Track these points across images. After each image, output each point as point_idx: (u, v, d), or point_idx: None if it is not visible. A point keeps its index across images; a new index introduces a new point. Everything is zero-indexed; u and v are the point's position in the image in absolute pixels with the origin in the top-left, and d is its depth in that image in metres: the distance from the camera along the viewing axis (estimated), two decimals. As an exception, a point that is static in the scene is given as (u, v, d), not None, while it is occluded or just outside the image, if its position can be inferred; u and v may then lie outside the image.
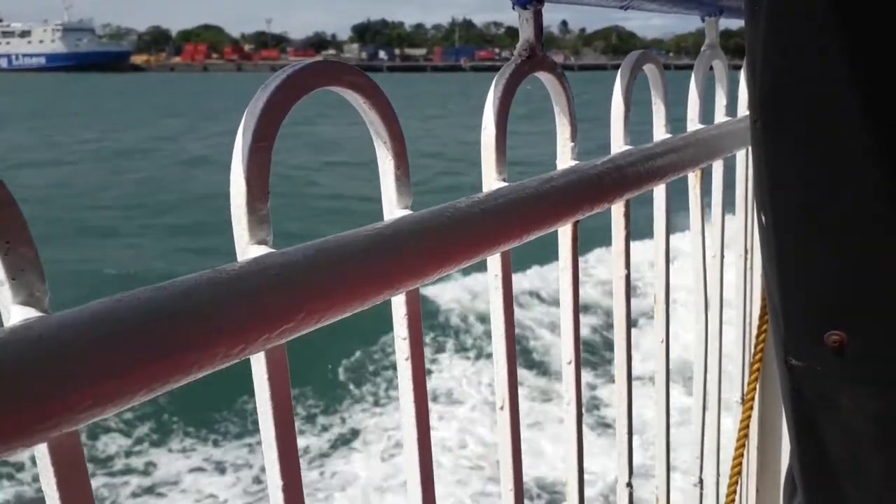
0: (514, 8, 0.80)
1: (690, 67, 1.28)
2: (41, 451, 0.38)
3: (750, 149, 1.42)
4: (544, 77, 0.84)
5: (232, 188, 0.51)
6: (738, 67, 1.43)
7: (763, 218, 0.90)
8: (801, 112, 0.82)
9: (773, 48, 0.83)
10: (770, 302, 0.94)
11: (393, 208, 0.64)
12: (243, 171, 0.50)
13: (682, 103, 1.23)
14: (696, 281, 1.32)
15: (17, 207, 0.38)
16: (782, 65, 0.82)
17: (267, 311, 0.46)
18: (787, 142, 0.84)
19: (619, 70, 1.02)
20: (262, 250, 0.51)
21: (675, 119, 1.14)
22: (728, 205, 1.43)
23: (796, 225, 0.85)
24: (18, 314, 0.38)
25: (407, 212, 0.64)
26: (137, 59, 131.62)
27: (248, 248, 0.51)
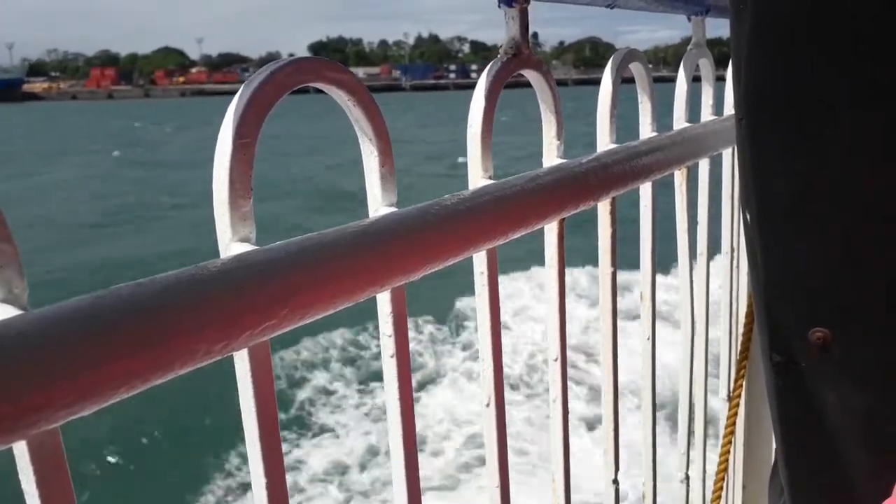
0: (499, 6, 0.80)
1: (666, 80, 1.29)
2: (21, 448, 0.38)
3: (736, 147, 1.43)
4: (530, 75, 0.84)
5: (215, 185, 0.51)
6: (723, 79, 1.44)
7: (748, 215, 0.91)
8: (785, 110, 0.82)
9: (757, 47, 0.84)
10: (755, 299, 0.94)
11: (378, 206, 0.64)
12: (226, 167, 0.50)
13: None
14: (682, 278, 1.33)
15: None
16: (767, 63, 0.83)
17: (250, 307, 0.45)
18: (771, 140, 0.85)
19: (606, 68, 1.02)
20: (244, 247, 0.51)
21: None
22: (714, 203, 1.44)
23: (780, 222, 0.86)
24: None
25: (392, 209, 0.64)
26: (37, 87, 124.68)
27: (230, 245, 0.51)
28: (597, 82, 1.03)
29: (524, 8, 0.80)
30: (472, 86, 0.79)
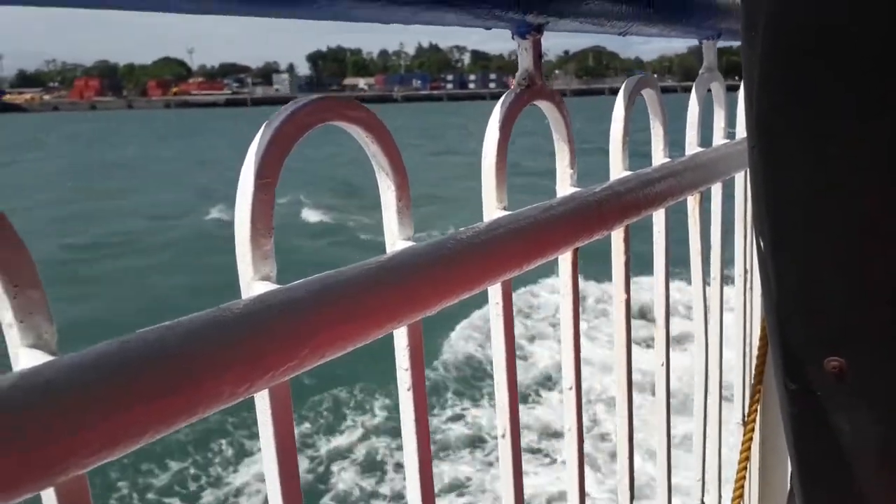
0: (513, 38, 0.81)
1: (670, 90, 1.29)
2: (48, 495, 0.38)
3: (748, 172, 1.43)
4: (544, 105, 0.85)
5: (236, 225, 0.52)
6: (734, 88, 1.44)
7: (761, 242, 0.91)
8: (799, 137, 0.83)
9: (769, 73, 0.84)
10: (769, 326, 0.94)
11: (395, 239, 0.65)
12: (248, 207, 0.51)
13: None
14: (696, 303, 1.33)
15: (26, 250, 0.39)
16: (779, 90, 0.83)
17: (272, 349, 0.46)
18: (784, 166, 0.85)
19: (618, 95, 1.03)
20: (265, 286, 0.51)
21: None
22: (727, 226, 1.44)
23: (794, 250, 0.86)
24: (26, 357, 0.39)
25: (409, 243, 0.64)
26: (18, 98, 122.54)
27: (252, 284, 0.52)
28: (595, 92, 1.03)
29: (537, 39, 0.81)
30: (466, 97, 0.80)
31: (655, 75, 1.11)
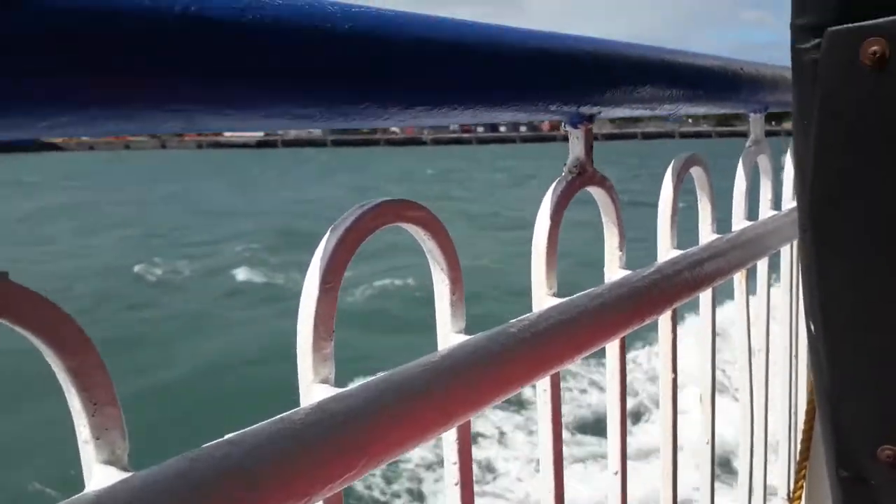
0: (564, 127, 0.83)
1: (704, 136, 1.29)
2: None
3: (796, 243, 1.42)
4: (594, 191, 0.85)
5: (299, 328, 0.53)
6: (770, 134, 1.41)
7: (812, 326, 0.89)
8: (853, 225, 0.82)
9: (824, 161, 0.84)
10: (819, 410, 0.92)
11: (447, 332, 0.66)
12: (312, 312, 0.52)
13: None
14: (742, 378, 1.31)
15: (105, 370, 0.40)
16: (834, 180, 0.83)
17: (332, 460, 0.47)
18: (838, 254, 0.84)
19: (666, 174, 1.03)
20: (325, 389, 0.52)
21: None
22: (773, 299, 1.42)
23: (847, 337, 0.85)
24: (100, 473, 0.40)
25: (462, 336, 0.65)
26: (56, 137, 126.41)
27: (311, 387, 0.53)
28: (627, 137, 1.03)
29: (589, 129, 0.82)
30: (496, 140, 0.79)
31: (690, 120, 1.11)
